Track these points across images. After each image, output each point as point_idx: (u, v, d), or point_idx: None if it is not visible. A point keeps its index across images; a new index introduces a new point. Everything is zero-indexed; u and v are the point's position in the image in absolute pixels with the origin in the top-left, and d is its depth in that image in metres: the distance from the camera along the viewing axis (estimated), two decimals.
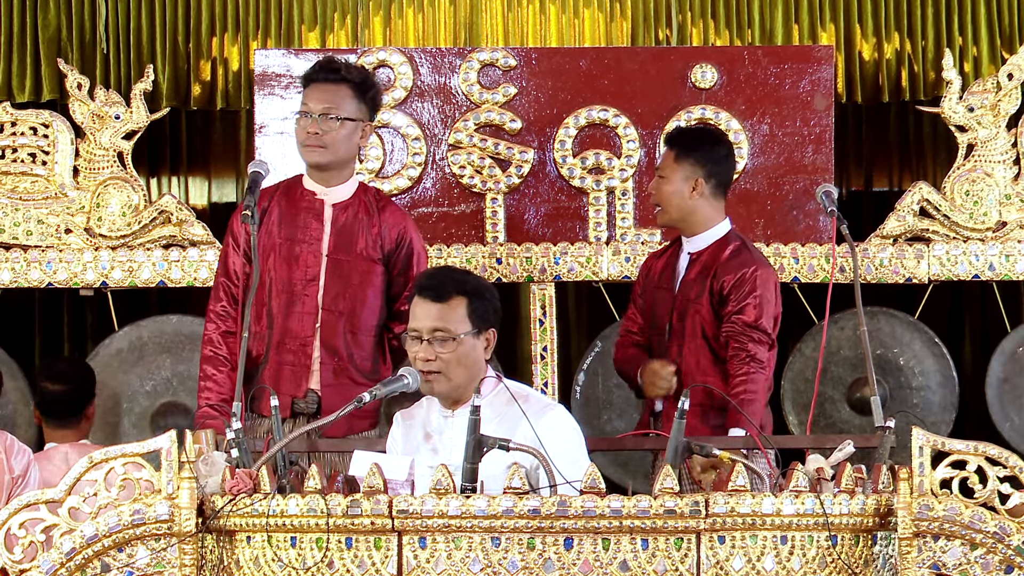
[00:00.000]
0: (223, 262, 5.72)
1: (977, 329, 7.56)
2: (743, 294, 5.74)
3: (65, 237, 6.57)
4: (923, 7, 7.20)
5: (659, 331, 5.87)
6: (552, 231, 6.59)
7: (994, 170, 6.60)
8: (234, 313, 5.66)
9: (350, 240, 5.67)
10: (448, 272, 5.05)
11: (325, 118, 5.62)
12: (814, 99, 6.61)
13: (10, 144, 6.61)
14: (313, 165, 5.69)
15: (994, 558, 4.39)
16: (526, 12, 7.25)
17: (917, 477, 4.39)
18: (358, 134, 5.69)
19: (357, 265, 5.66)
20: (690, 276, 5.84)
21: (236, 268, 5.66)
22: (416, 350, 4.80)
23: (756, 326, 5.72)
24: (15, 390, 6.90)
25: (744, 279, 5.76)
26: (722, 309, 5.75)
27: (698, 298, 5.79)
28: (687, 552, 4.29)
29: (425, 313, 4.81)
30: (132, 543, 4.48)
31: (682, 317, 5.81)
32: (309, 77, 5.72)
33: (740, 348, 5.70)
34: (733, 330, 5.72)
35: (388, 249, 5.70)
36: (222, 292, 5.68)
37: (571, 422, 4.84)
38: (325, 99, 5.64)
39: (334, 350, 5.61)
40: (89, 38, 7.17)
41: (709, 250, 5.85)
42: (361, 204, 5.72)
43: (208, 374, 5.61)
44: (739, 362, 5.69)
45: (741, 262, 5.80)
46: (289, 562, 4.37)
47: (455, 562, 4.27)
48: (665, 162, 5.93)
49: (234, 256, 5.68)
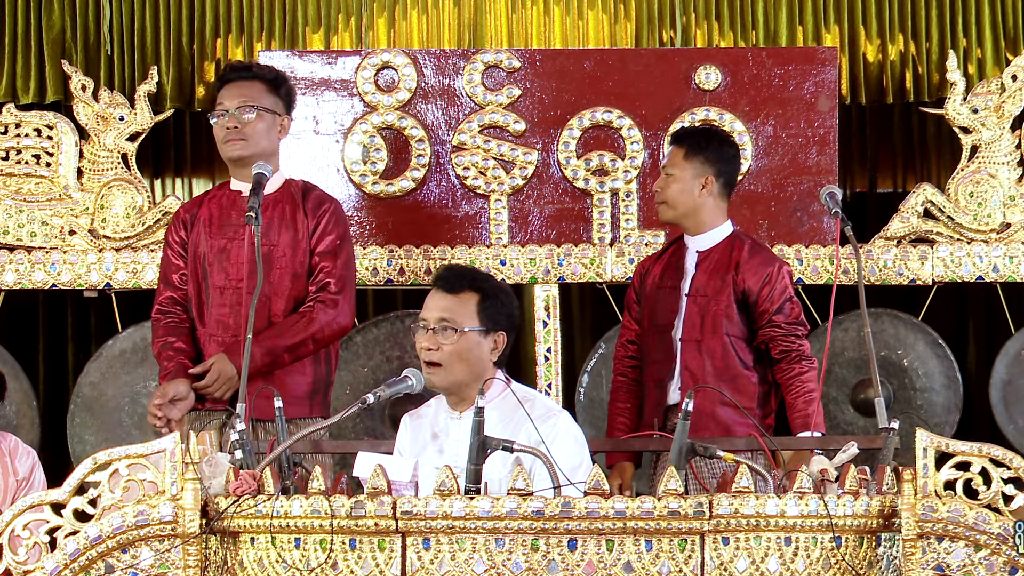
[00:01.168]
0: (163, 267, 5.88)
1: (981, 330, 7.56)
2: (775, 293, 5.75)
3: (69, 238, 6.58)
4: (927, 9, 7.19)
5: (663, 331, 5.84)
6: (556, 232, 6.59)
7: (998, 172, 6.60)
8: (176, 311, 5.78)
9: (272, 230, 5.70)
10: (468, 269, 5.08)
11: (241, 112, 5.71)
12: (818, 100, 6.61)
13: (14, 145, 6.62)
14: (236, 159, 5.75)
15: (998, 559, 4.39)
16: (530, 14, 7.25)
17: (921, 478, 4.39)
18: (276, 127, 5.79)
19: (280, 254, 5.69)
20: (701, 274, 5.81)
21: (176, 273, 5.82)
22: (420, 339, 4.81)
23: (797, 322, 5.76)
24: (19, 391, 6.90)
25: (772, 278, 5.77)
26: (755, 310, 5.75)
27: (717, 296, 5.77)
28: (691, 553, 4.29)
29: (435, 303, 4.83)
30: (136, 544, 4.48)
31: (699, 315, 5.79)
32: (221, 79, 5.86)
33: (788, 347, 5.73)
34: (776, 332, 5.74)
35: (312, 229, 5.74)
36: (163, 295, 5.83)
37: (575, 429, 4.84)
38: (239, 94, 5.75)
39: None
40: (93, 40, 7.17)
41: (719, 248, 5.83)
42: (287, 196, 5.76)
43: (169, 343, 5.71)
44: (790, 361, 5.72)
45: (763, 261, 5.82)
46: (293, 563, 4.37)
47: (459, 563, 4.27)
48: (673, 160, 5.90)
49: (174, 262, 5.83)
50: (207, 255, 5.74)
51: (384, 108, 6.60)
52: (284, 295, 5.69)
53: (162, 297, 5.81)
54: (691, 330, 5.77)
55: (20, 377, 6.94)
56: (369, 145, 6.60)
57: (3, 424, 6.61)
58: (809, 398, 5.67)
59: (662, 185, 5.90)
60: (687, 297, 5.81)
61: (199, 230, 5.78)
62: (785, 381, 5.72)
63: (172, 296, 5.79)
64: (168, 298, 5.79)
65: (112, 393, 6.83)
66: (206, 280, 5.73)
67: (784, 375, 5.73)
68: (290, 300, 5.70)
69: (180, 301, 5.78)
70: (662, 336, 5.84)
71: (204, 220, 5.78)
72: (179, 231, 5.82)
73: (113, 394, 6.83)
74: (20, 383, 6.92)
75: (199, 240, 5.77)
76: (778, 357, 5.75)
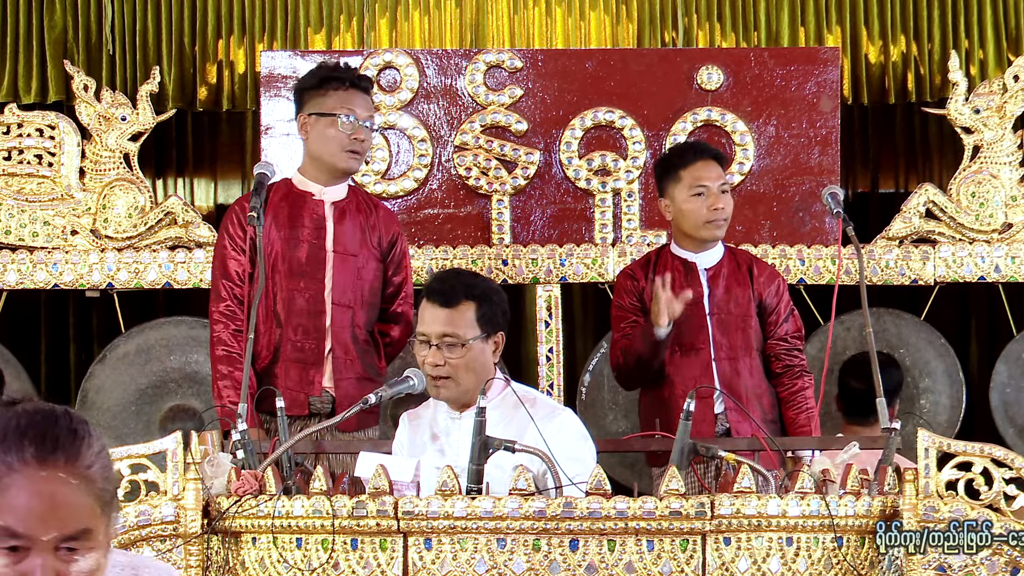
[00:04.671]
0: (222, 264, 5.66)
1: (984, 330, 7.57)
2: (783, 305, 5.82)
3: (71, 238, 6.58)
4: (929, 9, 7.20)
5: (690, 349, 5.77)
6: (558, 233, 6.59)
7: (1000, 172, 6.59)
8: (240, 313, 5.64)
9: (352, 235, 5.68)
10: (457, 276, 5.01)
11: (366, 126, 5.65)
12: (820, 101, 6.61)
13: (16, 145, 6.62)
14: (347, 172, 5.69)
15: (999, 560, 4.39)
16: (532, 14, 7.26)
17: (923, 479, 4.39)
18: None
19: (362, 259, 5.68)
20: (719, 291, 5.79)
21: (237, 269, 5.65)
22: (424, 355, 4.79)
23: (798, 335, 5.82)
24: (20, 392, 6.91)
25: (780, 289, 5.85)
26: (765, 320, 5.79)
27: (741, 312, 5.76)
28: (692, 554, 4.29)
29: (433, 318, 4.80)
30: (137, 544, 4.48)
31: (729, 333, 5.76)
32: (350, 82, 5.66)
33: (791, 363, 5.77)
34: (781, 346, 5.78)
35: (384, 247, 5.74)
36: (224, 292, 5.63)
37: (579, 426, 4.83)
38: (367, 107, 5.68)
39: (345, 345, 5.62)
40: (95, 40, 7.18)
41: (723, 263, 5.85)
42: (358, 202, 5.75)
43: (225, 373, 5.55)
44: (792, 376, 5.76)
45: (771, 272, 5.90)
46: (295, 563, 4.37)
47: (460, 563, 4.27)
48: (723, 174, 5.87)
49: (234, 256, 5.66)
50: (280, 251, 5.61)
51: (386, 108, 6.60)
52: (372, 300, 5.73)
53: (223, 293, 5.63)
54: (723, 349, 5.76)
55: (22, 377, 6.95)
56: (371, 145, 6.59)
57: None
58: (810, 414, 5.74)
59: (724, 202, 5.81)
60: (711, 317, 5.78)
61: (268, 226, 5.62)
62: (787, 396, 5.75)
63: (233, 291, 5.63)
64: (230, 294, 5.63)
65: (115, 395, 6.83)
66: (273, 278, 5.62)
67: (787, 390, 5.76)
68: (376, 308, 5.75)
69: (239, 297, 5.64)
70: (691, 354, 5.77)
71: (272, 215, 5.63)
72: (244, 224, 5.61)
73: (116, 396, 6.84)
74: (22, 383, 6.93)
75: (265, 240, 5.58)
76: (780, 371, 5.79)
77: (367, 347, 5.68)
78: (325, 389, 5.61)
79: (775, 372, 5.80)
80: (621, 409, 6.90)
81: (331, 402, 5.60)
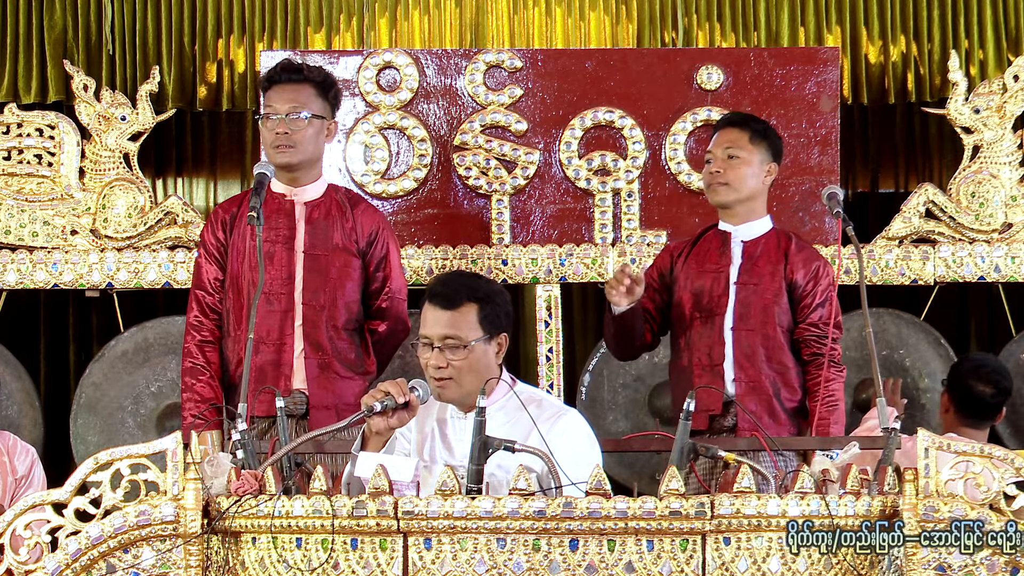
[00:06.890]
0: (196, 272, 5.78)
1: (983, 330, 7.56)
2: (820, 288, 5.72)
3: (71, 238, 6.58)
4: (929, 9, 7.20)
5: (709, 315, 5.73)
6: (558, 232, 6.59)
7: (1000, 172, 6.60)
8: (208, 323, 5.71)
9: (325, 236, 5.69)
10: (459, 277, 4.99)
11: (291, 118, 5.65)
12: (820, 101, 6.61)
13: (16, 145, 6.62)
14: (283, 166, 5.71)
15: (999, 559, 4.38)
16: (532, 14, 7.26)
17: (923, 478, 4.39)
18: (324, 132, 5.74)
19: (334, 259, 5.69)
20: (748, 264, 5.74)
21: (209, 277, 5.72)
22: (427, 357, 4.77)
23: (834, 324, 5.67)
24: (20, 391, 6.91)
25: (818, 273, 5.74)
26: (798, 303, 5.71)
27: (767, 286, 5.70)
28: (692, 553, 4.28)
29: (436, 320, 4.79)
30: (138, 544, 4.48)
31: (750, 304, 5.72)
32: (270, 79, 5.75)
33: (820, 351, 5.67)
34: (811, 333, 5.69)
35: (363, 245, 5.74)
36: (194, 303, 5.73)
37: (584, 426, 4.81)
38: (290, 99, 5.68)
39: (317, 345, 5.63)
40: (95, 39, 7.18)
41: (765, 240, 5.78)
42: (333, 202, 5.76)
43: (188, 385, 5.68)
44: (819, 366, 5.63)
45: (812, 254, 5.80)
46: (294, 563, 4.37)
47: (460, 563, 4.27)
48: (739, 142, 5.75)
49: (207, 265, 5.73)
50: (250, 253, 5.64)
51: (386, 108, 6.60)
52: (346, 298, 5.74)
53: (193, 303, 5.71)
54: (742, 319, 5.71)
55: (22, 377, 6.95)
56: (371, 145, 6.60)
57: (5, 424, 6.61)
58: (832, 405, 5.62)
59: (723, 166, 5.74)
60: (736, 285, 5.74)
61: (241, 230, 5.69)
62: (811, 386, 5.67)
63: (204, 300, 5.71)
64: (199, 303, 5.71)
65: (114, 394, 6.84)
66: (245, 280, 5.65)
67: (812, 379, 5.67)
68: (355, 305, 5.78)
69: (212, 307, 5.71)
70: (709, 321, 5.74)
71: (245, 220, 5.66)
72: (217, 232, 5.75)
73: (115, 395, 6.84)
74: (22, 383, 6.93)
75: (239, 241, 5.68)
76: (808, 359, 5.71)
77: (348, 346, 5.68)
78: (297, 390, 5.61)
79: (804, 359, 5.72)
80: (621, 409, 6.90)
81: (304, 403, 5.61)
